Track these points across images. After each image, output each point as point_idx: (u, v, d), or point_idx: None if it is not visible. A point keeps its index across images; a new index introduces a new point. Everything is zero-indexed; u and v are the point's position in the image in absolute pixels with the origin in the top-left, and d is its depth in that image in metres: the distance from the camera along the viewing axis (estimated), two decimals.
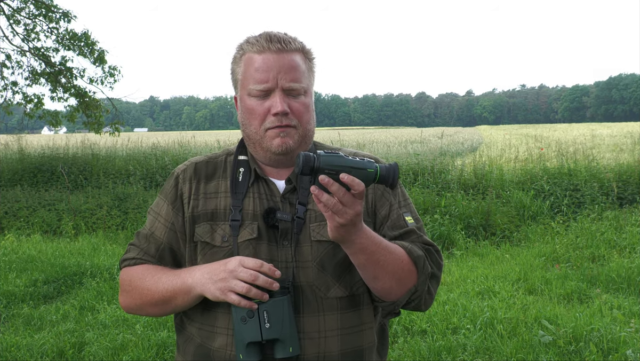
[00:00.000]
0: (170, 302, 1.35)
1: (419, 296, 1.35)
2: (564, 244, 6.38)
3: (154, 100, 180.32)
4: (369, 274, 1.30)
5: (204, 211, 1.42)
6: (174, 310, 1.39)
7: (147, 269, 1.40)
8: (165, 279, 1.35)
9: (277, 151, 1.37)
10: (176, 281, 1.33)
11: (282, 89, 1.35)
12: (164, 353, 3.91)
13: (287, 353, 1.28)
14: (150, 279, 1.37)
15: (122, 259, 1.47)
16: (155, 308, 1.39)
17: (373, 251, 1.26)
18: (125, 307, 1.45)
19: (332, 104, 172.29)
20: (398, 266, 1.30)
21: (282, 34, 1.40)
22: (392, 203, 1.45)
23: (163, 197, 1.48)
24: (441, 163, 9.36)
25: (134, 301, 1.42)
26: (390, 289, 1.32)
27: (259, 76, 1.35)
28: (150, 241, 1.45)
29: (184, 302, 1.34)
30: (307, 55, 1.42)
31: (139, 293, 1.39)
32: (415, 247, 1.35)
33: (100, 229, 7.90)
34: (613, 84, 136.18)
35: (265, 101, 1.36)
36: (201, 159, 1.51)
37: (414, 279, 1.33)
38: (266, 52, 1.36)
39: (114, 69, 12.30)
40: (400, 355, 3.86)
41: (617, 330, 3.95)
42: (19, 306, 4.89)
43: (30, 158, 11.32)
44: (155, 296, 1.36)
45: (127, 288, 1.43)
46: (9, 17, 11.83)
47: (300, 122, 1.38)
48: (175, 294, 1.33)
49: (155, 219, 1.47)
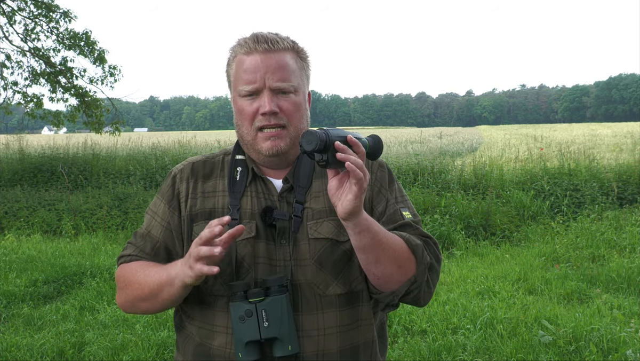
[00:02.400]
0: (157, 296, 1.34)
1: (418, 286, 1.34)
2: (564, 244, 6.38)
3: (154, 100, 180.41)
4: (371, 256, 1.29)
5: (201, 210, 1.42)
6: (162, 304, 1.37)
7: (140, 265, 1.41)
8: (153, 273, 1.35)
9: (267, 153, 1.38)
10: (162, 274, 1.33)
11: (270, 88, 1.36)
12: (164, 353, 3.91)
13: (286, 351, 1.28)
14: (141, 273, 1.38)
15: (119, 256, 1.48)
16: (145, 302, 1.38)
17: (377, 230, 1.26)
18: (121, 304, 1.45)
19: (332, 104, 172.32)
20: (399, 253, 1.30)
21: (271, 34, 1.40)
22: (389, 198, 1.45)
23: (160, 197, 1.49)
24: (441, 163, 9.36)
25: (127, 297, 1.41)
26: (390, 276, 1.31)
27: (246, 76, 1.37)
28: (146, 240, 1.46)
29: (169, 295, 1.32)
30: (299, 54, 1.42)
31: (131, 288, 1.39)
32: (413, 237, 1.36)
33: (100, 229, 7.90)
34: (613, 84, 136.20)
35: (254, 101, 1.37)
36: (199, 158, 1.52)
37: (413, 268, 1.33)
38: (253, 53, 1.37)
39: (114, 69, 12.32)
40: (400, 355, 3.86)
41: (617, 330, 3.95)
42: (19, 306, 4.89)
43: (31, 158, 11.32)
44: (145, 290, 1.35)
45: (121, 285, 1.43)
46: (9, 17, 11.83)
47: (290, 122, 1.38)
48: (161, 287, 1.32)
49: (152, 219, 1.48)
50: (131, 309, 1.44)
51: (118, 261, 1.48)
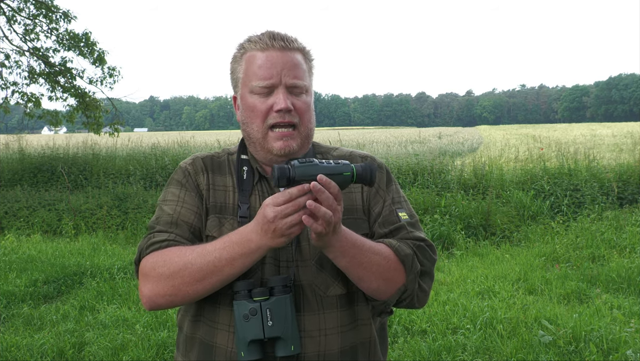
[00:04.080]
0: (222, 271, 1.25)
1: (410, 295, 1.35)
2: (564, 244, 6.38)
3: (154, 100, 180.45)
4: (353, 276, 1.31)
5: (213, 203, 1.42)
6: (222, 282, 1.28)
7: (185, 248, 1.31)
8: (211, 250, 1.26)
9: (279, 153, 1.37)
10: (232, 248, 1.24)
11: (285, 85, 1.36)
12: (164, 353, 3.91)
13: (288, 351, 1.28)
14: (190, 252, 1.28)
15: (148, 245, 1.35)
16: (197, 284, 1.27)
17: (354, 254, 1.27)
18: (154, 295, 1.31)
19: (332, 104, 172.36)
20: (384, 267, 1.30)
21: (283, 33, 1.41)
22: (386, 199, 1.46)
23: (179, 186, 1.44)
24: (441, 163, 9.36)
25: (168, 283, 1.28)
26: (377, 289, 1.33)
27: (262, 72, 1.36)
28: (179, 225, 1.37)
29: (243, 266, 1.25)
30: (306, 56, 1.43)
31: (178, 270, 1.27)
32: (403, 245, 1.35)
33: (100, 229, 7.90)
34: (613, 84, 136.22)
35: (268, 98, 1.36)
36: (204, 154, 1.51)
37: (402, 278, 1.33)
38: (270, 50, 1.37)
39: (113, 70, 12.31)
40: (400, 355, 3.86)
41: (617, 330, 3.95)
42: (19, 306, 4.89)
43: (31, 158, 11.32)
44: (204, 268, 1.25)
45: (159, 272, 1.29)
46: (9, 17, 11.82)
47: (301, 121, 1.38)
48: (232, 261, 1.25)
49: (178, 205, 1.40)
50: (168, 300, 1.31)
51: (146, 249, 1.35)
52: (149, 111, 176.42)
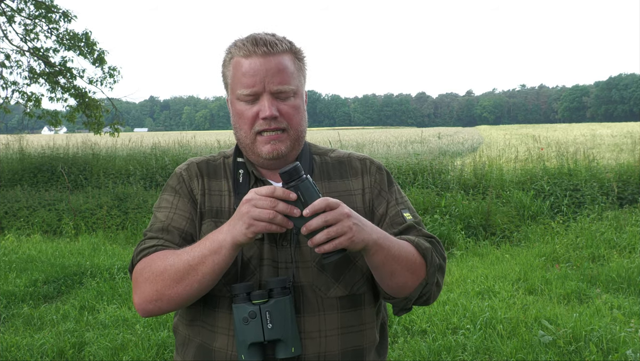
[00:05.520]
0: (197, 270, 1.24)
1: (429, 290, 1.36)
2: (564, 244, 6.38)
3: (154, 100, 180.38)
4: (386, 271, 1.29)
5: (209, 207, 1.42)
6: (200, 282, 1.26)
7: (169, 252, 1.32)
8: (189, 250, 1.27)
9: (267, 156, 1.37)
10: (202, 246, 1.25)
11: (270, 92, 1.34)
12: (164, 353, 3.91)
13: (289, 353, 1.28)
14: (172, 255, 1.29)
15: (139, 250, 1.36)
16: (179, 285, 1.26)
17: (388, 246, 1.27)
18: (143, 301, 1.31)
19: (332, 104, 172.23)
20: (411, 260, 1.31)
21: (269, 35, 1.38)
22: (389, 200, 1.46)
23: (173, 193, 1.45)
24: (441, 163, 9.36)
25: (152, 288, 1.28)
26: (405, 284, 1.33)
27: (246, 80, 1.35)
28: (170, 231, 1.39)
29: (213, 265, 1.23)
30: (296, 55, 1.41)
31: (160, 274, 1.27)
32: (421, 240, 1.37)
33: (100, 229, 7.90)
34: (613, 84, 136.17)
35: (254, 105, 1.36)
36: (200, 159, 1.51)
37: (424, 272, 1.34)
38: (252, 56, 1.35)
39: (113, 70, 12.31)
40: (400, 355, 3.86)
41: (617, 330, 3.95)
42: (19, 306, 4.89)
43: (31, 158, 11.32)
44: (180, 269, 1.25)
45: (145, 277, 1.30)
46: (9, 17, 11.82)
47: (290, 125, 1.37)
48: (203, 259, 1.24)
49: (171, 212, 1.41)
50: (155, 305, 1.30)
51: (137, 257, 1.36)
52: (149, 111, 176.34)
